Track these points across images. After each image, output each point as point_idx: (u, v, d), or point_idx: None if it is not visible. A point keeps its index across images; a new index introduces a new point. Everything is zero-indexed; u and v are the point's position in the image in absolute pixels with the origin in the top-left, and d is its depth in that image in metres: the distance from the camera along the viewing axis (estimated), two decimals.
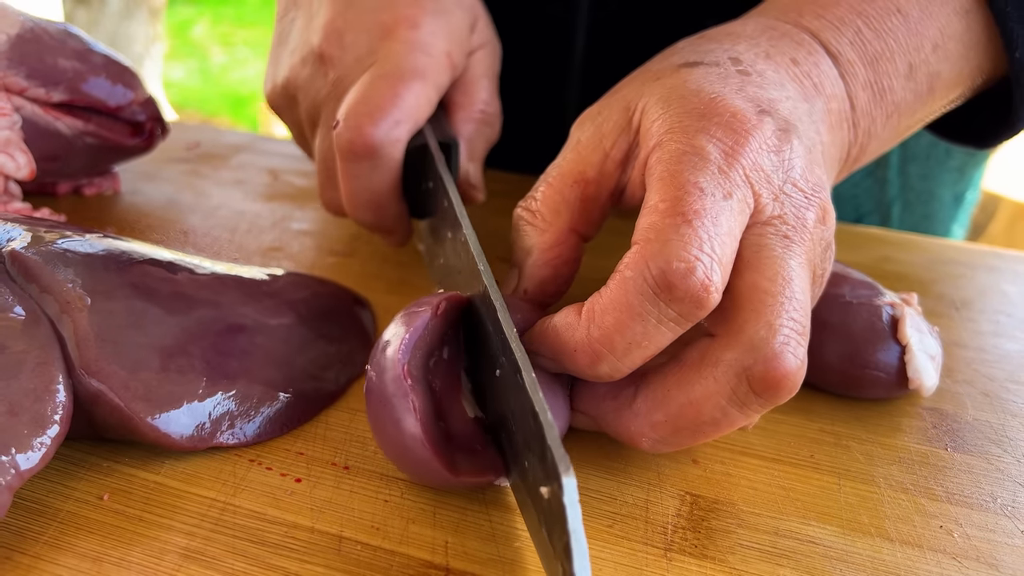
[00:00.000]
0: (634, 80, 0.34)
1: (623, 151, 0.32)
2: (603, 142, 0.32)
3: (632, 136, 0.32)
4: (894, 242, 0.54)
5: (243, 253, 0.47)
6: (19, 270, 0.33)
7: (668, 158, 0.29)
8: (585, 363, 0.28)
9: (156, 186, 0.55)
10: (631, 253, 0.28)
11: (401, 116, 0.38)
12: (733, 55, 0.33)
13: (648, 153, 0.30)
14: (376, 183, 0.39)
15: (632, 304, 0.27)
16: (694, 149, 0.29)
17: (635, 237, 0.28)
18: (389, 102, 0.38)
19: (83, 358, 0.30)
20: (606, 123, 0.33)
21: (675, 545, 0.29)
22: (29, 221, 0.37)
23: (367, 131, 0.37)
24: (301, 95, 0.42)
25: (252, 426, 0.32)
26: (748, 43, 0.34)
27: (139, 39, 3.07)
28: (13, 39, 0.47)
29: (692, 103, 0.30)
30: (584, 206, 0.33)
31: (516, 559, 0.28)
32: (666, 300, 0.27)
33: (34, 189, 0.52)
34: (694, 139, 0.29)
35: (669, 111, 0.31)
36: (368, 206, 0.40)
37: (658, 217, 0.28)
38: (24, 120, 0.47)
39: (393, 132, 0.38)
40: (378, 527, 0.29)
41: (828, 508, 0.31)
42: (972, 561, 0.29)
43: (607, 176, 0.32)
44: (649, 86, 0.32)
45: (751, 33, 0.35)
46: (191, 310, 0.34)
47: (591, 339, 0.28)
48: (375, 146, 0.38)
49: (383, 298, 0.43)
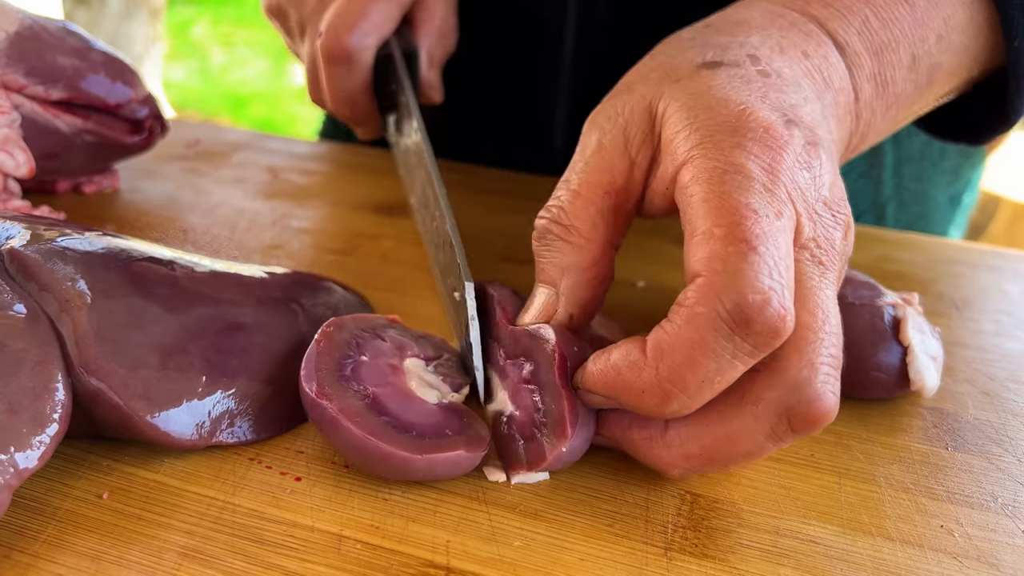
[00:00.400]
0: (650, 76, 0.33)
1: (648, 159, 0.31)
2: (628, 148, 0.31)
3: (655, 143, 0.31)
4: (893, 241, 0.54)
5: (243, 251, 0.47)
6: (18, 268, 0.33)
7: (708, 178, 0.28)
8: (653, 403, 0.27)
9: (156, 184, 0.55)
10: (698, 286, 0.26)
11: (369, 28, 0.47)
12: (750, 51, 0.32)
13: (677, 168, 0.29)
14: (351, 83, 0.49)
15: (706, 341, 0.26)
16: (734, 167, 0.28)
17: (695, 267, 0.27)
18: (360, 16, 0.47)
19: (82, 356, 0.30)
20: (631, 127, 0.31)
21: (675, 544, 0.29)
22: (28, 219, 0.37)
23: (343, 39, 0.47)
24: (292, 8, 0.52)
25: (252, 425, 0.32)
26: (761, 35, 0.33)
27: (139, 39, 3.07)
28: (12, 36, 0.47)
29: (721, 115, 0.29)
30: (616, 217, 0.31)
31: (517, 559, 0.28)
32: (742, 335, 0.26)
33: (33, 187, 0.52)
34: (731, 156, 0.28)
35: (696, 123, 0.29)
36: (345, 102, 0.50)
37: (719, 245, 0.26)
38: (23, 118, 0.47)
39: (364, 40, 0.47)
40: (378, 526, 0.29)
41: (829, 507, 0.31)
42: (973, 560, 0.29)
43: (635, 184, 0.31)
44: (670, 88, 0.31)
45: (761, 22, 0.34)
46: (190, 308, 0.34)
47: (660, 379, 0.27)
48: (349, 51, 0.47)
49: (383, 296, 0.43)
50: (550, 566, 0.27)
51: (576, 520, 0.29)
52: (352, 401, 0.30)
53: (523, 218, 0.53)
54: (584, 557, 0.28)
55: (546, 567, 0.27)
